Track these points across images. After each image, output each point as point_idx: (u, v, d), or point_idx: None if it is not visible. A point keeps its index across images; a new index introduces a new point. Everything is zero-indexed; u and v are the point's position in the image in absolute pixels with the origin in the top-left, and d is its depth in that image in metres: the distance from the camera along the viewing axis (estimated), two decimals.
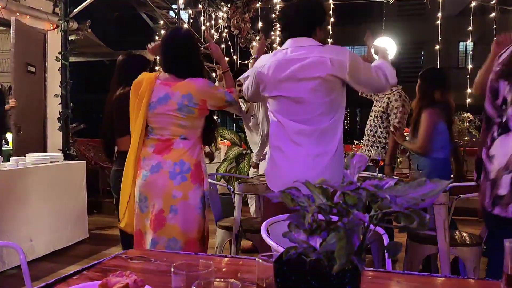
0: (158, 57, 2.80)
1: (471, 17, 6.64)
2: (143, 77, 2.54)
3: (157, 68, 3.02)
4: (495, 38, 2.42)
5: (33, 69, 5.97)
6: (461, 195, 3.20)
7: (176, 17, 7.01)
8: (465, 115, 6.20)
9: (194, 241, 2.46)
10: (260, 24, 7.20)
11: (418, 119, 3.42)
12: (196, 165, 2.48)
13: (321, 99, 2.18)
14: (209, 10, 7.24)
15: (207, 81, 2.50)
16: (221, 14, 7.06)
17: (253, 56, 2.84)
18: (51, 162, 4.35)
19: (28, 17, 6.10)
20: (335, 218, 0.80)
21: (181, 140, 2.47)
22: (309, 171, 2.15)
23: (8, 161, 3.92)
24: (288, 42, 2.30)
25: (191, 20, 7.47)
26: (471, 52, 12.65)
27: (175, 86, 2.44)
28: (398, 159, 6.51)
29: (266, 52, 2.72)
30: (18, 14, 5.93)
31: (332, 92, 2.19)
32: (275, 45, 7.26)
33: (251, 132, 4.24)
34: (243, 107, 4.22)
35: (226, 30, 7.21)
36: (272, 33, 7.39)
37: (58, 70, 5.11)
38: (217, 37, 7.26)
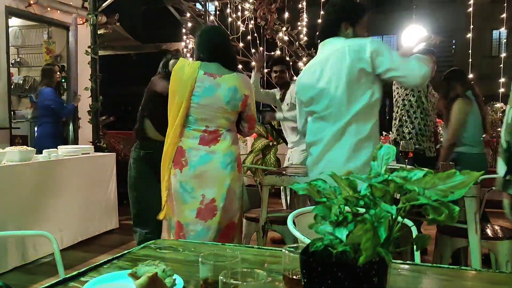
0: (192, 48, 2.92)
1: (505, 4, 6.42)
2: (183, 64, 2.52)
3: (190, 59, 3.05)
4: None
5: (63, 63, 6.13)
6: (494, 187, 3.12)
7: (203, 9, 7.03)
8: (497, 105, 6.03)
9: (233, 224, 2.59)
10: (286, 14, 7.14)
11: (448, 115, 3.55)
12: (239, 155, 2.62)
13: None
14: (235, 2, 7.23)
15: (249, 79, 2.67)
16: (247, 5, 7.03)
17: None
18: (82, 154, 4.46)
19: (58, 11, 6.22)
20: (362, 210, 0.79)
21: (227, 131, 2.53)
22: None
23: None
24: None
25: (217, 12, 7.48)
26: (504, 40, 12.25)
27: (221, 78, 2.46)
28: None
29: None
30: (48, 9, 6.06)
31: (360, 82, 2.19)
32: (301, 36, 7.20)
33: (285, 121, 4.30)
34: (277, 95, 4.32)
35: (252, 22, 7.19)
36: (298, 23, 7.32)
37: (88, 63, 5.20)
38: (244, 29, 7.25)
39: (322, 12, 7.21)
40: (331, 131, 2.25)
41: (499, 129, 5.57)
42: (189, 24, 6.98)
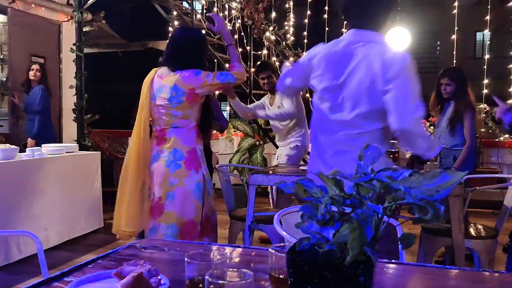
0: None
1: (489, 6, 6.51)
2: (146, 79, 2.69)
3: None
4: None
5: (41, 60, 6.03)
6: (477, 187, 3.16)
7: (190, 7, 7.00)
8: (481, 106, 6.11)
9: (191, 223, 2.56)
10: (273, 14, 7.15)
11: (456, 118, 3.61)
12: (190, 152, 2.60)
13: None
14: (222, 1, 7.21)
15: (194, 71, 2.55)
16: (234, 4, 7.02)
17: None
18: (66, 152, 4.40)
19: (43, 8, 6.14)
20: (348, 209, 0.79)
21: (173, 129, 2.60)
22: None
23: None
24: None
25: (205, 11, 7.45)
26: (488, 42, 12.42)
27: (165, 79, 2.59)
28: None
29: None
30: (33, 5, 5.98)
31: None
32: (288, 35, 7.21)
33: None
34: (267, 101, 4.30)
35: (239, 21, 7.18)
36: (285, 23, 7.34)
37: (73, 61, 5.14)
38: (231, 28, 7.23)
39: (309, 12, 7.25)
40: None
41: (482, 129, 5.66)
42: (176, 23, 6.94)
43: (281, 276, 0.97)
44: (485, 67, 6.57)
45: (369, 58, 1.96)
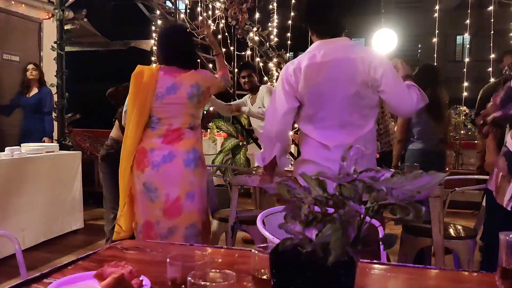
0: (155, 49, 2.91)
1: (469, 11, 6.63)
2: (142, 69, 2.59)
3: (153, 59, 3.09)
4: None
5: (16, 58, 5.93)
6: (456, 188, 3.21)
7: (173, 7, 6.96)
8: (461, 108, 6.21)
9: (207, 223, 2.66)
10: (257, 15, 7.15)
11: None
12: (202, 151, 2.66)
13: None
14: (206, 0, 7.19)
15: (208, 71, 2.72)
16: (218, 4, 7.00)
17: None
18: (46, 152, 4.33)
19: (23, 5, 6.04)
20: (331, 210, 0.80)
21: (189, 129, 2.57)
22: None
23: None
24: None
25: (188, 10, 7.41)
26: (468, 46, 12.64)
27: (181, 76, 2.54)
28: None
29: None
30: (13, 2, 5.87)
31: None
32: (272, 37, 7.22)
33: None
34: (248, 100, 4.32)
35: (223, 21, 7.16)
36: (269, 24, 7.34)
37: (54, 59, 5.07)
38: (214, 28, 7.22)
39: (292, 14, 7.28)
40: None
41: (462, 131, 5.75)
42: (159, 22, 6.89)
43: (264, 276, 0.97)
44: (465, 70, 6.68)
45: (350, 60, 2.06)
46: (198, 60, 3.26)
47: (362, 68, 2.04)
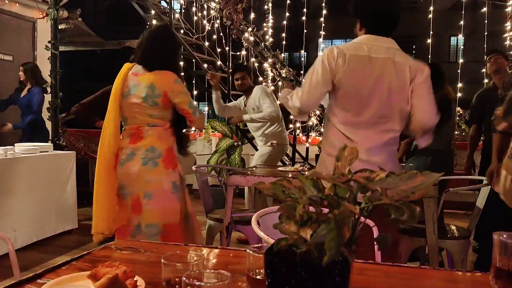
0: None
1: (463, 12, 6.67)
2: (124, 66, 2.65)
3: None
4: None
5: (9, 58, 5.90)
6: (451, 189, 3.23)
7: (168, 7, 6.94)
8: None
9: (173, 225, 2.54)
10: (252, 15, 7.16)
11: None
12: (168, 150, 2.58)
13: None
14: (201, 1, 7.18)
15: (174, 75, 2.55)
16: (213, 4, 7.00)
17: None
18: (40, 152, 4.31)
19: (17, 4, 6.01)
20: (326, 210, 0.80)
21: (150, 127, 2.56)
22: None
23: None
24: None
25: (183, 10, 7.41)
26: (462, 47, 12.71)
27: (142, 76, 2.55)
28: None
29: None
30: (7, 1, 5.84)
31: None
32: (267, 37, 7.22)
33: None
34: (242, 102, 4.33)
35: (218, 21, 7.16)
36: (264, 24, 7.35)
37: (48, 59, 5.05)
38: (209, 28, 7.21)
39: (287, 14, 7.29)
40: None
41: (456, 132, 5.77)
42: (154, 22, 6.87)
43: (259, 277, 0.97)
44: (459, 71, 6.71)
45: (396, 64, 2.06)
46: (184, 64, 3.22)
47: (408, 75, 2.06)
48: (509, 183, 1.97)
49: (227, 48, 6.96)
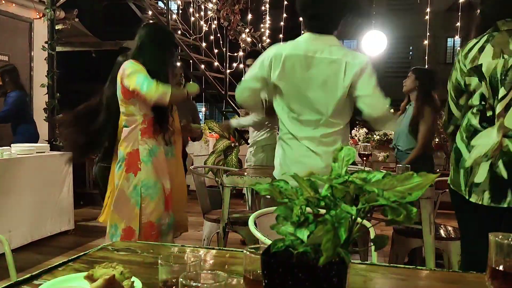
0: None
1: (459, 13, 6.69)
2: None
3: None
4: None
5: (5, 58, 5.88)
6: (447, 189, 3.23)
7: (165, 7, 6.94)
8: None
9: (130, 230, 2.48)
10: (250, 16, 7.17)
11: (415, 120, 3.55)
12: (130, 154, 2.49)
13: None
14: (198, 1, 7.18)
15: (126, 63, 2.47)
16: (210, 5, 7.01)
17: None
18: (37, 152, 4.30)
19: (14, 5, 5.99)
20: (323, 211, 0.80)
21: (124, 129, 2.56)
22: None
23: None
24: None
25: (180, 11, 7.40)
26: (458, 48, 12.75)
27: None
28: (386, 154, 6.56)
29: None
30: (3, 2, 5.83)
31: None
32: (264, 38, 7.23)
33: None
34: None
35: (215, 22, 7.16)
36: (261, 25, 7.36)
37: (45, 59, 5.04)
38: (206, 29, 7.21)
39: (284, 15, 7.29)
40: None
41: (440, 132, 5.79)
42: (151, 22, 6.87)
43: (255, 278, 0.97)
44: None
45: (333, 60, 2.09)
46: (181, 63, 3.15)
47: (342, 73, 2.08)
48: None
49: (224, 49, 6.97)
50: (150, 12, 6.95)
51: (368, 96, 2.11)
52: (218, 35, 7.14)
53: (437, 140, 5.80)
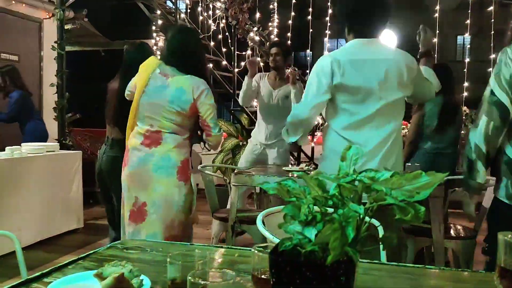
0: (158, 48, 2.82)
1: (469, 11, 6.63)
2: (148, 61, 2.54)
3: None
4: None
5: (15, 58, 5.93)
6: (457, 188, 3.21)
7: (173, 7, 6.96)
8: (461, 108, 6.22)
9: (174, 236, 2.43)
10: (258, 14, 7.16)
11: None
12: (184, 162, 2.46)
13: None
14: (206, 0, 7.19)
15: (206, 85, 2.45)
16: (218, 4, 7.01)
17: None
18: (47, 151, 4.34)
19: (23, 5, 6.04)
20: (331, 210, 0.80)
21: (170, 134, 2.44)
22: None
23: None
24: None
25: (189, 10, 7.41)
26: (468, 46, 12.64)
27: (173, 78, 2.44)
28: None
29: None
30: (13, 2, 5.88)
31: None
32: (272, 36, 7.22)
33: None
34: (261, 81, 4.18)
35: (223, 21, 7.17)
36: (270, 24, 7.35)
37: (54, 59, 5.08)
38: (215, 28, 7.22)
39: (293, 13, 7.28)
40: None
41: (463, 131, 5.75)
42: (159, 22, 6.89)
43: (263, 276, 0.97)
44: (465, 70, 6.68)
45: (391, 62, 2.17)
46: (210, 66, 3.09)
47: (399, 71, 2.16)
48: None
49: (232, 48, 6.97)
50: (158, 12, 6.97)
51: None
52: (226, 34, 7.14)
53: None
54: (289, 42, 7.22)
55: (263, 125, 4.16)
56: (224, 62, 7.20)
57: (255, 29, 6.91)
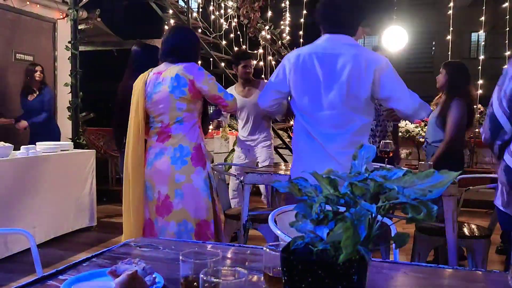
0: None
1: (483, 7, 6.55)
2: (139, 78, 2.64)
3: None
4: None
5: (30, 58, 6.00)
6: (471, 187, 3.18)
7: (185, 6, 6.98)
8: (475, 106, 6.15)
9: (205, 222, 2.53)
10: (269, 13, 7.15)
11: (443, 112, 3.46)
12: (196, 148, 2.55)
13: None
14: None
15: (196, 65, 2.54)
16: (230, 3, 7.02)
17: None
18: (61, 150, 4.39)
19: (38, 5, 6.11)
20: (342, 208, 0.80)
21: (178, 125, 2.53)
22: None
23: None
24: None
25: (200, 10, 7.43)
26: (483, 43, 12.48)
27: (166, 71, 2.53)
28: (408, 151, 6.48)
29: None
30: (28, 2, 5.94)
31: None
32: (284, 35, 7.21)
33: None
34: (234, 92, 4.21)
35: (235, 20, 7.18)
36: (281, 22, 7.34)
37: (68, 59, 5.13)
38: (226, 27, 7.23)
39: (304, 12, 7.26)
40: None
41: (477, 130, 5.69)
42: (172, 21, 6.93)
43: (275, 274, 0.97)
44: (479, 67, 6.60)
45: (352, 57, 2.11)
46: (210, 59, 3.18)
47: (361, 66, 2.10)
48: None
49: (244, 47, 6.98)
50: (170, 11, 7.00)
51: None
52: (238, 32, 7.15)
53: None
54: (301, 40, 7.22)
55: (244, 124, 4.27)
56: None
57: (267, 27, 6.91)
